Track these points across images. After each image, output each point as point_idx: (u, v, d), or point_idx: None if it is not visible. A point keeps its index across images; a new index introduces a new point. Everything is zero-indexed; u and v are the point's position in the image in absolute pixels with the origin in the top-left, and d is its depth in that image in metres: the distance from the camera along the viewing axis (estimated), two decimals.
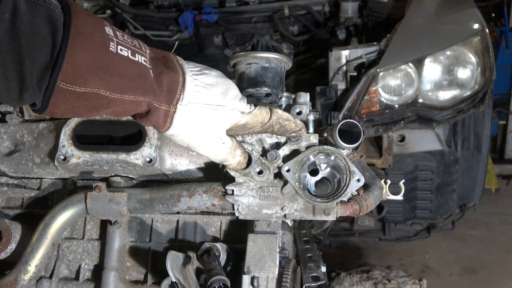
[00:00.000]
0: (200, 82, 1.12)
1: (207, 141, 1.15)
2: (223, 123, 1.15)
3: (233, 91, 1.16)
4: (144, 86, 1.01)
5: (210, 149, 1.17)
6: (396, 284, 3.47)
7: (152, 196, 1.33)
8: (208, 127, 1.13)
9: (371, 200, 1.25)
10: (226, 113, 1.14)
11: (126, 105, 1.00)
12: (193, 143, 1.14)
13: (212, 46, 3.72)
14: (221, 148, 1.18)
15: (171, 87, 1.07)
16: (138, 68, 1.00)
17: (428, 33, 2.70)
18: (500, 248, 4.05)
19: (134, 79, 0.99)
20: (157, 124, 1.07)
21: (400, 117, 2.66)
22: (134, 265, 1.45)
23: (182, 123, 1.09)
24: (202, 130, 1.13)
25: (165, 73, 1.06)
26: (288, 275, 1.31)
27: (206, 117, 1.11)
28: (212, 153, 1.18)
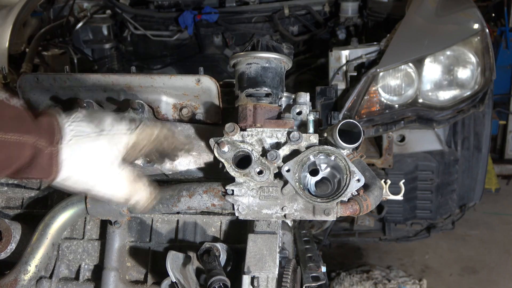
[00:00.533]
0: (75, 118, 1.09)
1: (102, 174, 1.09)
2: (112, 148, 1.10)
3: (109, 116, 1.14)
4: (26, 125, 0.98)
5: (110, 185, 1.12)
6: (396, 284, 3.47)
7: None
8: (98, 157, 1.08)
9: (371, 200, 1.25)
10: (112, 138, 1.10)
11: (9, 148, 0.94)
12: (90, 181, 1.09)
13: (212, 46, 3.72)
14: (121, 180, 1.13)
15: (50, 128, 1.03)
16: (16, 110, 0.98)
17: (428, 33, 2.70)
18: (500, 248, 4.04)
19: (13, 119, 0.96)
20: (43, 170, 1.01)
21: (400, 117, 2.65)
22: (134, 265, 1.45)
23: (70, 162, 1.04)
24: (93, 162, 1.08)
25: (41, 116, 1.04)
26: (288, 275, 1.31)
27: (93, 147, 1.07)
28: (114, 189, 1.13)
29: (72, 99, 1.45)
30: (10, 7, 2.97)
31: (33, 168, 1.00)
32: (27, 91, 1.45)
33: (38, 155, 1.00)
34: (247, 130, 1.26)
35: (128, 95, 1.42)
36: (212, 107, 1.43)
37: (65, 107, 1.48)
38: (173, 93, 1.42)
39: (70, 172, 1.05)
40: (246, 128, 1.27)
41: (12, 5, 2.99)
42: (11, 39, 2.75)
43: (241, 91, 1.30)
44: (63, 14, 3.60)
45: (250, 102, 1.29)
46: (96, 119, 1.12)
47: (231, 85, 1.50)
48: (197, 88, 1.40)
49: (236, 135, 1.24)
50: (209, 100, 1.43)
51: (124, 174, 1.14)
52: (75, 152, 1.05)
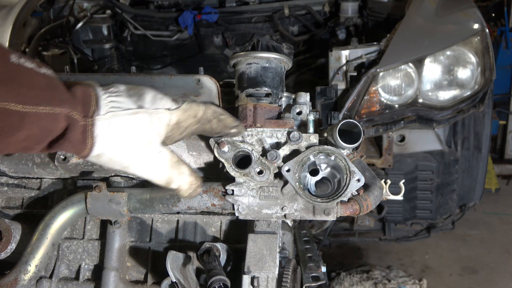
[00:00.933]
0: (112, 92, 1.02)
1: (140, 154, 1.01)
2: (152, 127, 1.03)
3: (150, 91, 1.06)
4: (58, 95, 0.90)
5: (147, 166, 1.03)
6: (396, 284, 3.47)
7: (152, 196, 1.33)
8: (136, 135, 1.00)
9: (371, 200, 1.25)
10: (152, 116, 1.02)
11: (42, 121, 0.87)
12: (126, 161, 1.01)
13: (212, 46, 3.72)
14: (160, 161, 1.05)
15: (85, 99, 0.95)
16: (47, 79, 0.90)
17: (428, 33, 2.70)
18: (500, 248, 4.05)
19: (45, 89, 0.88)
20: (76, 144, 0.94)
21: (400, 117, 2.66)
22: (134, 265, 1.45)
23: (105, 137, 0.96)
24: (131, 140, 0.99)
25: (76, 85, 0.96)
26: (288, 275, 1.31)
27: (131, 123, 0.99)
28: (152, 170, 1.05)
29: None
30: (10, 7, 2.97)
31: (65, 141, 0.93)
32: None
33: (71, 127, 0.92)
34: (247, 130, 1.26)
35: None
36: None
37: None
38: (173, 93, 1.42)
39: (105, 149, 0.97)
40: (246, 128, 1.27)
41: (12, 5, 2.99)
42: (11, 39, 2.76)
43: (241, 91, 1.30)
44: (63, 14, 3.61)
45: (250, 102, 1.29)
46: (136, 94, 1.04)
47: (231, 85, 1.50)
48: (197, 88, 1.40)
49: None
50: (209, 100, 1.43)
51: (163, 156, 1.06)
52: (111, 127, 0.97)
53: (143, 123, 1.01)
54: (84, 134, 0.94)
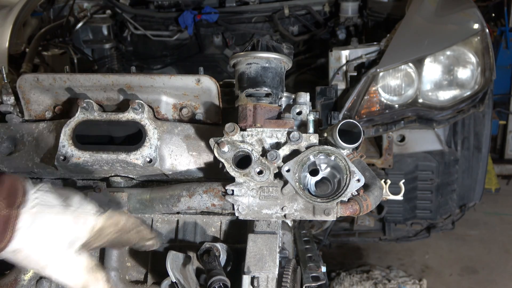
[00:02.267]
0: (41, 188, 0.99)
1: (58, 255, 0.97)
2: (75, 229, 1.00)
3: (77, 194, 1.05)
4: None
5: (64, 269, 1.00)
6: (396, 284, 3.47)
7: (152, 196, 1.33)
8: (59, 234, 0.96)
9: (371, 200, 1.25)
10: (78, 218, 1.00)
11: None
12: (43, 261, 0.96)
13: (212, 46, 3.72)
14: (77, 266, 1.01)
15: (11, 190, 0.92)
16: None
17: (428, 33, 2.70)
18: (500, 248, 4.04)
19: None
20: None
21: (400, 117, 2.66)
22: (134, 265, 1.45)
23: (26, 233, 0.92)
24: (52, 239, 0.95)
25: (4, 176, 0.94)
26: (288, 275, 1.31)
27: (55, 222, 0.96)
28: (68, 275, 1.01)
29: (72, 99, 1.45)
30: (10, 7, 2.97)
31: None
32: (27, 91, 1.45)
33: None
34: (247, 130, 1.26)
35: (128, 95, 1.42)
36: (212, 107, 1.43)
37: (65, 107, 1.48)
38: (173, 93, 1.42)
39: (24, 245, 0.93)
40: (246, 128, 1.27)
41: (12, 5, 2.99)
42: (11, 39, 2.76)
43: (241, 91, 1.30)
44: (63, 14, 3.60)
45: (250, 102, 1.29)
46: (64, 194, 1.03)
47: (231, 85, 1.50)
48: (197, 88, 1.40)
49: (236, 135, 1.24)
50: (209, 100, 1.43)
51: (81, 260, 1.02)
52: (35, 223, 0.93)
53: (68, 224, 0.99)
54: (6, 225, 0.90)
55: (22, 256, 0.94)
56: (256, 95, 1.30)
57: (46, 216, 0.95)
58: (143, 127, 1.36)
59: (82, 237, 1.02)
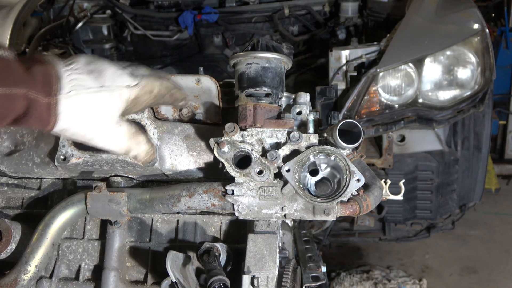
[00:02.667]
0: (74, 70, 1.06)
1: (101, 128, 1.08)
2: (113, 103, 1.09)
3: (111, 68, 1.11)
4: (13, 77, 0.94)
5: (109, 139, 1.11)
6: (396, 284, 3.47)
7: (152, 196, 1.33)
8: (98, 111, 1.06)
9: (371, 200, 1.25)
10: (113, 93, 1.08)
11: None
12: (88, 134, 1.08)
13: (212, 46, 3.72)
14: (120, 134, 1.12)
15: (46, 79, 1.00)
16: (2, 62, 0.94)
17: (428, 33, 2.70)
18: (500, 248, 4.05)
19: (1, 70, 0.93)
20: (41, 120, 1.00)
21: (400, 117, 2.66)
22: (134, 265, 1.45)
23: (69, 114, 1.02)
24: (93, 116, 1.06)
25: (35, 65, 1.00)
26: (288, 275, 1.31)
27: (93, 101, 1.05)
28: (112, 142, 1.12)
29: None
30: (10, 7, 2.97)
31: (29, 118, 0.98)
32: None
33: (33, 106, 0.97)
34: (247, 130, 1.26)
35: None
36: (212, 107, 1.43)
37: None
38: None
39: (68, 124, 1.04)
40: (246, 128, 1.27)
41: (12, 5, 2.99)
42: (11, 39, 2.76)
43: (241, 91, 1.30)
44: (63, 14, 3.60)
45: (250, 102, 1.29)
46: (96, 70, 1.08)
47: (231, 85, 1.50)
48: (197, 88, 1.40)
49: (236, 135, 1.24)
50: (209, 100, 1.43)
51: (123, 128, 1.12)
52: (74, 105, 1.02)
53: (104, 100, 1.07)
54: (48, 111, 0.99)
55: (69, 133, 1.06)
56: (256, 95, 1.30)
57: (82, 97, 1.03)
58: (143, 127, 1.36)
59: (119, 109, 1.10)
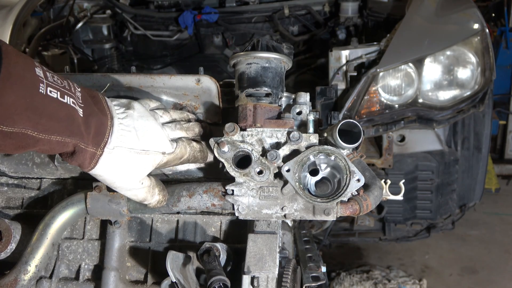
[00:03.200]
0: (126, 126, 1.15)
1: (128, 183, 1.18)
2: (146, 166, 1.18)
3: (154, 132, 1.20)
4: (71, 128, 1.03)
5: (130, 191, 1.21)
6: (396, 284, 3.47)
7: None
8: (131, 170, 1.16)
9: (371, 200, 1.25)
10: (149, 157, 1.18)
11: (52, 145, 1.02)
12: (115, 184, 1.17)
13: (212, 46, 3.72)
14: (141, 189, 1.22)
15: (99, 130, 1.09)
16: (66, 109, 1.02)
17: (428, 33, 2.70)
18: (500, 248, 4.05)
19: (62, 121, 1.01)
20: (82, 164, 1.09)
21: (400, 117, 2.66)
22: (134, 265, 1.45)
23: (107, 166, 1.12)
24: (125, 173, 1.16)
25: (94, 115, 1.09)
26: (288, 275, 1.31)
27: (130, 161, 1.15)
28: (132, 193, 1.22)
29: None
30: (10, 7, 2.97)
31: (73, 160, 1.08)
32: None
33: (79, 152, 1.07)
34: (247, 130, 1.26)
35: (128, 95, 1.42)
36: (212, 107, 1.43)
37: None
38: (173, 93, 1.42)
39: (103, 173, 1.13)
40: (246, 128, 1.27)
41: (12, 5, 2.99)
42: (11, 39, 2.76)
43: (241, 91, 1.30)
44: (63, 14, 3.60)
45: (250, 102, 1.29)
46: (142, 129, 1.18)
47: (231, 85, 1.50)
48: (197, 88, 1.40)
49: (236, 135, 1.24)
50: (209, 100, 1.43)
51: (145, 185, 1.22)
52: (113, 159, 1.12)
53: (140, 162, 1.17)
54: (91, 159, 1.09)
55: (99, 178, 1.16)
56: (256, 95, 1.30)
57: (123, 154, 1.13)
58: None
59: (149, 171, 1.21)
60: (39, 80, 0.97)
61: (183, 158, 1.27)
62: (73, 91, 1.06)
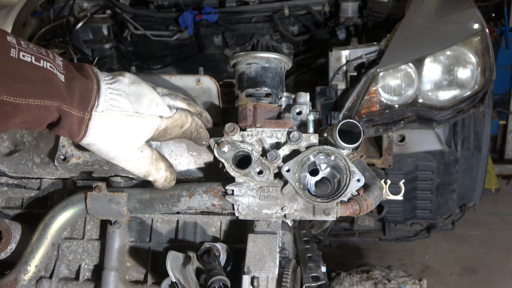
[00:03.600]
0: (115, 90, 1.10)
1: (125, 151, 1.12)
2: (143, 130, 1.12)
3: (149, 95, 1.14)
4: (50, 90, 0.98)
5: (129, 161, 1.14)
6: (396, 284, 3.47)
7: (152, 196, 1.33)
8: (126, 135, 1.10)
9: (371, 200, 1.25)
10: (145, 120, 1.12)
11: (33, 111, 0.97)
12: (111, 153, 1.11)
13: (212, 46, 3.72)
14: (141, 159, 1.15)
15: (84, 94, 1.04)
16: (43, 73, 0.98)
17: (428, 33, 2.70)
18: (500, 248, 4.05)
19: (38, 83, 0.97)
20: (71, 131, 1.04)
21: (400, 117, 2.66)
22: (134, 265, 1.45)
23: (98, 131, 1.06)
24: (120, 138, 1.09)
25: (78, 79, 1.04)
26: (288, 275, 1.31)
27: (124, 124, 1.09)
28: (133, 165, 1.15)
29: None
30: (10, 7, 2.97)
31: (60, 127, 1.03)
32: None
33: (65, 118, 1.01)
34: (247, 130, 1.26)
35: None
36: (212, 107, 1.43)
37: None
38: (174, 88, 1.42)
39: (95, 140, 1.07)
40: (246, 128, 1.27)
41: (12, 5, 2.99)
42: None
43: (241, 91, 1.30)
44: (63, 14, 3.61)
45: (250, 102, 1.29)
46: (136, 93, 1.12)
47: (231, 85, 1.50)
48: (197, 88, 1.40)
49: (236, 135, 1.24)
50: (209, 100, 1.43)
51: (145, 154, 1.15)
52: (104, 123, 1.06)
53: (134, 126, 1.11)
54: (80, 125, 1.04)
55: (94, 148, 1.09)
56: (256, 95, 1.30)
57: (115, 117, 1.07)
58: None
59: (147, 136, 1.14)
60: (11, 46, 0.95)
61: (184, 128, 1.20)
62: (52, 58, 1.02)
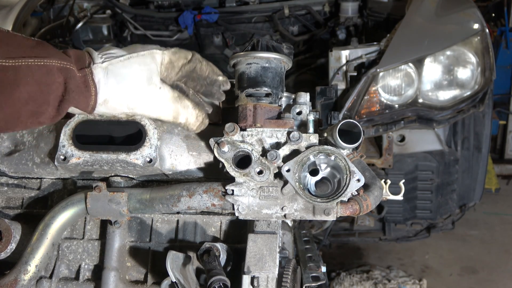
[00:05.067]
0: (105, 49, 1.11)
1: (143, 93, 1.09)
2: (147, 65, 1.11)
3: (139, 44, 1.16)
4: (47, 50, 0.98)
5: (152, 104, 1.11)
6: (396, 284, 3.47)
7: (152, 196, 1.33)
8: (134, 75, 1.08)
9: (371, 200, 1.25)
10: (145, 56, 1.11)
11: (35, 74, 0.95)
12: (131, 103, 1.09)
13: (212, 46, 3.72)
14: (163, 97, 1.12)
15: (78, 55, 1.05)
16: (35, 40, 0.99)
17: (428, 33, 2.70)
18: (500, 248, 4.05)
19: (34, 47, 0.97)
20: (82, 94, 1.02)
21: (400, 117, 2.66)
22: (134, 265, 1.45)
23: (106, 82, 1.05)
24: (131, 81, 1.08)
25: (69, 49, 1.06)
26: (288, 275, 1.31)
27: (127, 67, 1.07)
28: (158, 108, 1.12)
29: None
30: (10, 7, 2.97)
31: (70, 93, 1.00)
32: None
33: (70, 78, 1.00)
34: (247, 130, 1.26)
35: None
36: (212, 107, 1.43)
37: None
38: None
39: (109, 93, 1.06)
40: (246, 128, 1.27)
41: (12, 5, 2.99)
42: None
43: (241, 91, 1.30)
44: (63, 14, 3.61)
45: (250, 102, 1.29)
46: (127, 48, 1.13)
47: (231, 85, 1.50)
48: None
49: (236, 135, 1.24)
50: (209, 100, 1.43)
51: (164, 91, 1.12)
52: (109, 73, 1.05)
53: (138, 64, 1.09)
54: (86, 82, 1.02)
55: (112, 105, 1.07)
56: (256, 95, 1.30)
57: (116, 65, 1.06)
58: (143, 127, 1.35)
59: (155, 71, 1.11)
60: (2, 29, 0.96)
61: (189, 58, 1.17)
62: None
